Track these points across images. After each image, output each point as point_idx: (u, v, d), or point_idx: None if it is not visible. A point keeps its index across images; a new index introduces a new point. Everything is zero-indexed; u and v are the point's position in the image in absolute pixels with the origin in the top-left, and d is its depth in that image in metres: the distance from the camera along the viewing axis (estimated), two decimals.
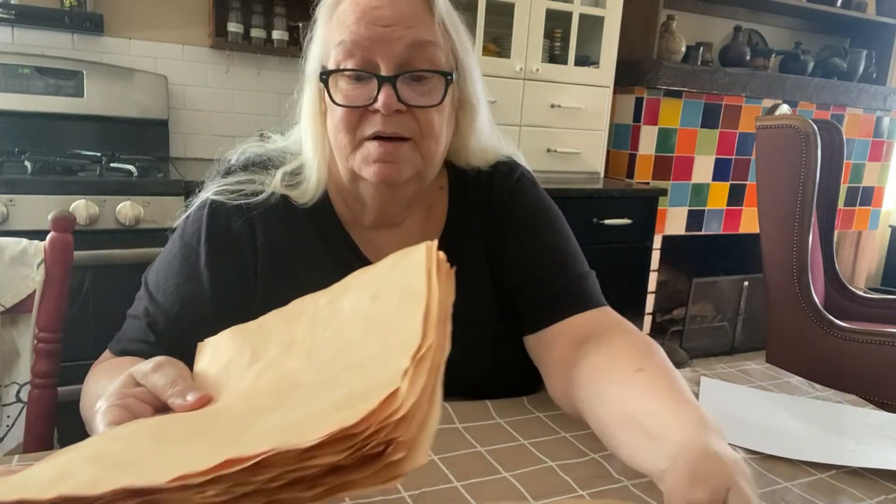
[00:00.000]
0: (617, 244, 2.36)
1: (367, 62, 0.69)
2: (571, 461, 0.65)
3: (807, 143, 1.79)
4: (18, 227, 1.54)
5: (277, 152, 0.81)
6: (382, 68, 0.69)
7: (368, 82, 0.69)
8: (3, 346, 0.94)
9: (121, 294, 1.67)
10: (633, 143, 2.79)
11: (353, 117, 0.70)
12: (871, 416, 0.82)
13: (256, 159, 0.80)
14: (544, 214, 0.83)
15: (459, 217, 0.83)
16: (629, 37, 2.66)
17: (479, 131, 0.81)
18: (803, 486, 0.64)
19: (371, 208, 0.79)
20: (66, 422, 1.01)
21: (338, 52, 0.70)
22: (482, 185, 0.83)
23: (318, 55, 0.73)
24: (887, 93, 3.24)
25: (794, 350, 1.91)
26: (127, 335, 0.75)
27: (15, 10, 1.90)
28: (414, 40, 0.69)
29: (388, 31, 0.68)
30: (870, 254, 3.73)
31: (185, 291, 0.75)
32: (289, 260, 0.77)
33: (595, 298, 0.77)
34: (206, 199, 0.77)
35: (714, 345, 3.27)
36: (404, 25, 0.69)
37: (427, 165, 0.74)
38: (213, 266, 0.75)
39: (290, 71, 2.35)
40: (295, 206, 0.78)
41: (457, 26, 0.75)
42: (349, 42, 0.69)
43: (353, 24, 0.69)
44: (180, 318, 0.74)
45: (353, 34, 0.68)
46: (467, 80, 0.77)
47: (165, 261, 0.77)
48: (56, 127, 2.02)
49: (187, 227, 0.78)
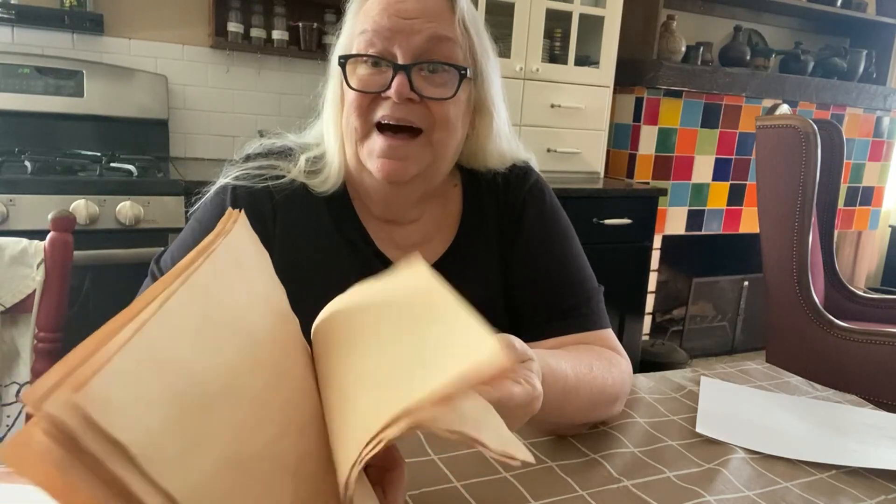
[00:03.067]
0: (617, 244, 2.36)
1: (385, 51, 0.71)
2: (571, 461, 0.65)
3: (807, 143, 1.79)
4: (18, 227, 1.54)
5: (299, 145, 0.82)
6: (399, 58, 0.70)
7: (384, 70, 0.71)
8: (3, 346, 0.94)
9: (121, 294, 1.68)
10: (633, 143, 2.79)
11: (366, 101, 0.71)
12: (871, 416, 0.82)
13: (276, 148, 0.81)
14: (556, 225, 0.84)
15: (474, 214, 0.83)
16: (629, 37, 2.66)
17: (496, 135, 0.82)
18: (803, 486, 0.64)
19: (376, 200, 0.79)
20: None
21: (360, 41, 0.72)
22: (497, 185, 0.84)
23: (343, 45, 0.75)
24: (887, 93, 3.24)
25: (794, 350, 1.91)
26: None
27: (15, 10, 1.90)
28: (433, 34, 0.71)
29: (408, 24, 0.70)
30: (870, 254, 3.73)
31: None
32: (306, 248, 0.77)
33: (598, 320, 0.79)
34: (227, 183, 0.77)
35: (714, 345, 3.27)
36: (425, 19, 0.71)
37: (437, 159, 0.74)
38: None
39: (290, 71, 2.36)
40: (314, 194, 0.78)
41: (479, 30, 0.77)
42: (371, 31, 0.71)
43: (376, 16, 0.71)
44: None
45: (375, 24, 0.71)
46: (485, 83, 0.77)
47: (181, 243, 0.76)
48: (56, 127, 2.02)
49: (206, 210, 0.77)
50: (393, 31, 0.70)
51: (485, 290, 0.81)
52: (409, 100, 0.70)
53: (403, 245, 0.80)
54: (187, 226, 0.78)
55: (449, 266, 0.79)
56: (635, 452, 0.68)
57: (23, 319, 0.94)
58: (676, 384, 0.88)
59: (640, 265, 2.48)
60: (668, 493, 0.61)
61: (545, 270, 0.81)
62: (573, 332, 0.77)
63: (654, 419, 0.77)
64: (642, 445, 0.70)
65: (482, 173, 0.84)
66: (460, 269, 0.80)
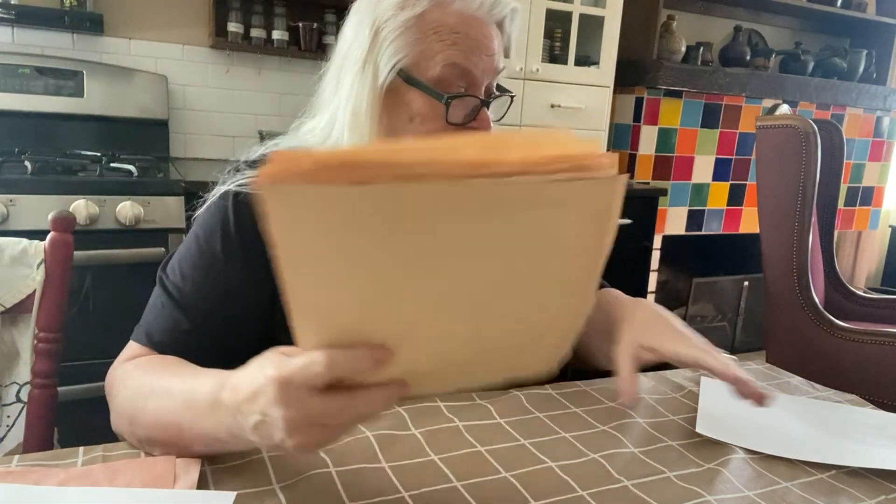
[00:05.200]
0: (617, 244, 2.34)
1: (474, 88, 0.76)
2: (571, 461, 0.65)
3: (807, 143, 1.79)
4: (18, 227, 1.54)
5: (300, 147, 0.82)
6: (482, 89, 0.77)
7: (472, 101, 0.76)
8: (3, 346, 0.94)
9: (121, 294, 1.68)
10: (634, 143, 2.79)
11: (441, 132, 0.76)
12: (871, 416, 0.82)
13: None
14: None
15: None
16: (629, 37, 2.66)
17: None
18: (803, 486, 0.64)
19: None
20: (66, 422, 1.01)
21: (448, 72, 0.74)
22: None
23: (412, 59, 0.75)
24: (887, 93, 3.24)
25: (794, 350, 1.91)
26: (158, 326, 0.72)
27: (15, 10, 1.90)
28: (496, 68, 0.78)
29: (489, 61, 0.76)
30: (870, 254, 3.73)
31: (211, 278, 0.73)
32: None
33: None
34: (229, 190, 0.76)
35: (714, 345, 3.27)
36: (496, 55, 0.77)
37: None
38: (236, 254, 0.74)
39: (290, 71, 2.36)
40: None
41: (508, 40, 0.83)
42: (461, 66, 0.74)
43: (467, 50, 0.74)
44: (207, 300, 0.72)
45: (468, 61, 0.74)
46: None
47: (186, 252, 0.76)
48: (56, 127, 2.02)
49: (208, 218, 0.76)
50: (483, 71, 0.75)
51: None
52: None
53: None
54: (191, 233, 0.77)
55: None
56: (635, 452, 0.68)
57: (23, 319, 0.94)
58: (676, 384, 0.88)
59: (640, 265, 2.48)
60: (668, 493, 0.61)
61: None
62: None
63: (654, 419, 0.77)
64: (642, 445, 0.70)
65: None
66: None
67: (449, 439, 0.67)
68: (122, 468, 0.57)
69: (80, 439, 0.66)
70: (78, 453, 0.60)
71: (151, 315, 0.73)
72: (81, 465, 0.58)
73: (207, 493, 0.55)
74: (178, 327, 0.71)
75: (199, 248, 0.74)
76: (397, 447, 0.65)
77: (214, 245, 0.74)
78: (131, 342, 0.72)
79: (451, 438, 0.67)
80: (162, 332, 0.71)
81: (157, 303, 0.73)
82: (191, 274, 0.73)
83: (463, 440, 0.67)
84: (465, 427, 0.70)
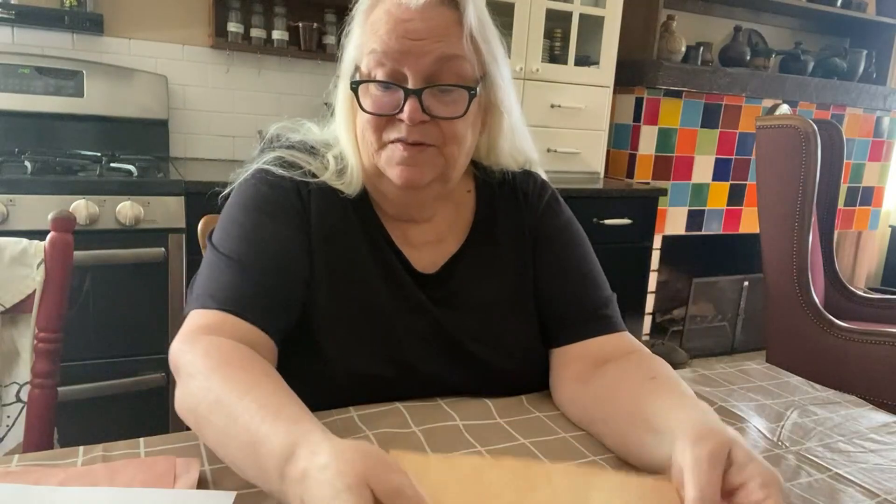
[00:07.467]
0: (617, 244, 2.35)
1: (395, 73, 0.72)
2: (571, 461, 0.65)
3: (807, 143, 1.79)
4: (18, 227, 1.54)
5: (320, 143, 0.83)
6: (410, 80, 0.71)
7: (396, 91, 0.72)
8: (3, 346, 0.94)
9: (121, 294, 1.68)
10: (633, 143, 2.79)
11: (380, 122, 0.74)
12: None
13: (301, 146, 0.82)
14: (576, 234, 0.88)
15: (487, 220, 0.86)
16: (629, 37, 2.66)
17: (507, 133, 0.83)
18: (803, 486, 0.64)
19: (393, 201, 0.81)
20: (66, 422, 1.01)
21: (370, 60, 0.73)
22: (514, 190, 0.87)
23: (353, 57, 0.76)
24: (887, 93, 3.24)
25: (794, 350, 1.91)
26: (220, 286, 0.70)
27: (15, 10, 1.90)
28: (442, 54, 0.71)
29: (417, 45, 0.71)
30: (870, 254, 3.73)
31: (259, 235, 0.74)
32: (337, 243, 0.78)
33: (617, 323, 0.82)
34: (263, 168, 0.78)
35: (714, 345, 3.27)
36: (434, 39, 0.71)
37: (450, 168, 0.77)
38: (276, 211, 0.76)
39: (290, 71, 2.36)
40: (338, 193, 0.79)
41: (487, 37, 0.77)
42: (380, 52, 0.72)
43: (385, 35, 0.71)
44: (262, 255, 0.73)
45: (384, 45, 0.71)
46: (494, 86, 0.78)
47: (229, 220, 0.76)
48: (56, 127, 2.02)
49: (247, 188, 0.78)
50: (402, 54, 0.71)
51: (493, 294, 0.83)
52: (420, 121, 0.72)
53: (417, 243, 0.82)
54: (230, 206, 0.78)
55: (459, 266, 0.82)
56: None
57: (23, 319, 0.94)
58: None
59: (640, 265, 2.48)
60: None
61: (567, 275, 0.84)
62: (597, 335, 0.80)
63: None
64: None
65: (494, 177, 0.87)
66: (470, 270, 0.83)
67: (449, 438, 0.67)
68: (122, 468, 0.57)
69: (80, 439, 0.66)
70: (78, 453, 0.60)
71: (210, 280, 0.72)
72: (81, 465, 0.58)
73: (207, 492, 0.55)
74: (240, 284, 0.70)
75: (244, 212, 0.76)
76: (397, 445, 0.64)
77: (259, 205, 0.76)
78: (193, 311, 0.69)
79: (451, 437, 0.67)
80: (226, 289, 0.70)
81: (215, 267, 0.73)
82: (239, 233, 0.74)
83: (463, 439, 0.67)
84: (465, 426, 0.70)
